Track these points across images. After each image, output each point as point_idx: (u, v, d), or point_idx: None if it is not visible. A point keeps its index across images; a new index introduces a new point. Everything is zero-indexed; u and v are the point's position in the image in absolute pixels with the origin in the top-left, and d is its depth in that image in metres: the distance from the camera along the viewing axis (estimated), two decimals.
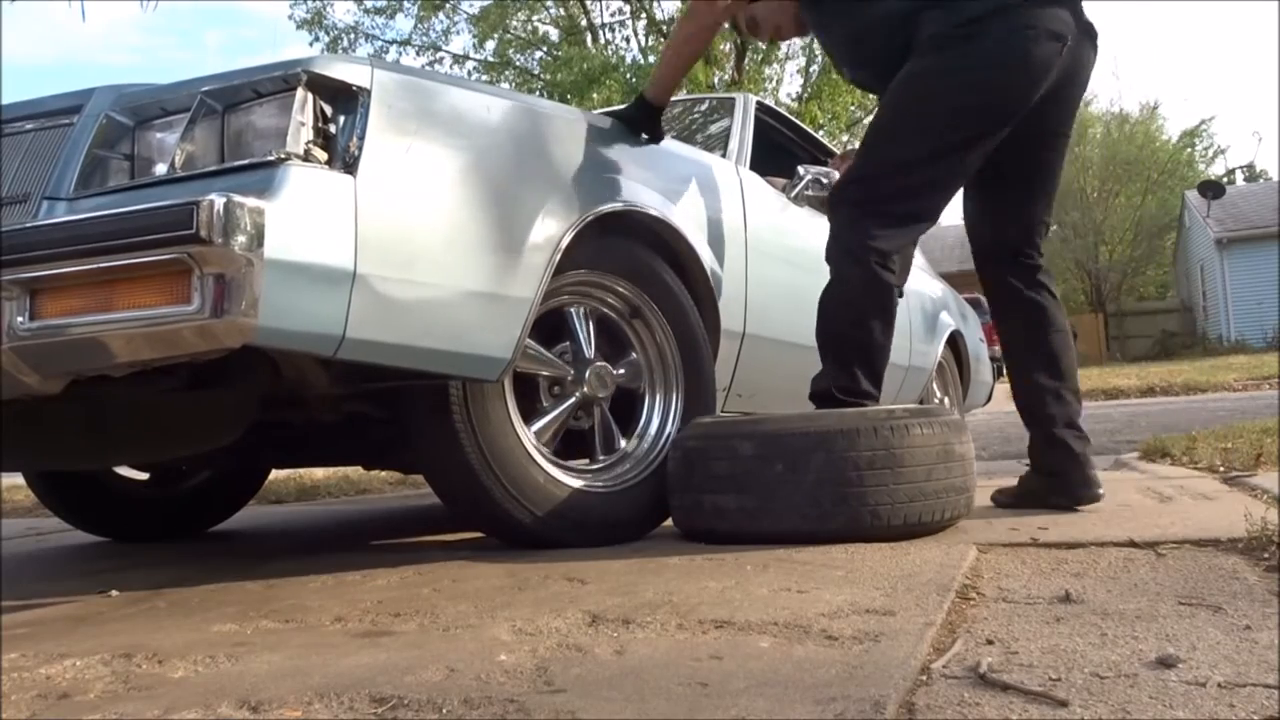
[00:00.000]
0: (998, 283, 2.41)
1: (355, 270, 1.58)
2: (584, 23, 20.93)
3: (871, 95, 2.71)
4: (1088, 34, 2.19)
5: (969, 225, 2.47)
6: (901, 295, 2.27)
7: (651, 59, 19.18)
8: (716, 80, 16.63)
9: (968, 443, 2.10)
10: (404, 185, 1.69)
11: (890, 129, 2.20)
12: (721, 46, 18.17)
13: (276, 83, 1.63)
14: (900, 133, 2.18)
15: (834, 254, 2.23)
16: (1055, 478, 2.30)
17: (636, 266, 2.24)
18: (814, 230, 3.17)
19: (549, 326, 2.14)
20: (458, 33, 26.28)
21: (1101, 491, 2.28)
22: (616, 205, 2.12)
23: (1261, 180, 29.94)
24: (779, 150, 3.56)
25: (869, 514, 1.91)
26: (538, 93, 18.66)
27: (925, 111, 2.14)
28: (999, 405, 9.14)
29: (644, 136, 2.37)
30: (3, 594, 1.95)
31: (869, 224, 2.16)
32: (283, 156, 1.55)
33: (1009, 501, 2.40)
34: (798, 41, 15.37)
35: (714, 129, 3.24)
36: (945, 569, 1.62)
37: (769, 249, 2.75)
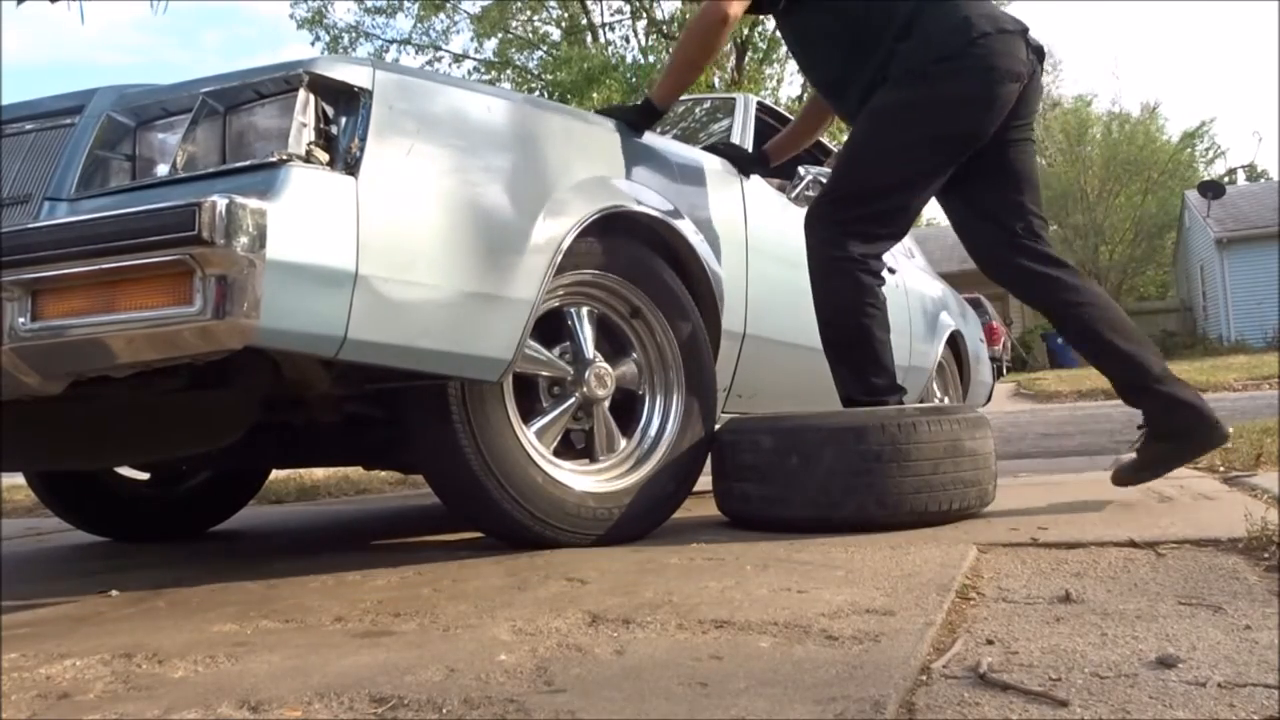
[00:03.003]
0: (1022, 277, 2.38)
1: (357, 271, 1.58)
2: (584, 22, 20.93)
3: None
4: (1038, 55, 2.36)
5: (967, 239, 2.47)
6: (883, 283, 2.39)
7: (652, 59, 19.17)
8: (716, 80, 16.62)
9: (981, 439, 2.21)
10: (405, 186, 1.69)
11: (865, 154, 2.36)
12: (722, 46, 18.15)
13: (278, 83, 1.64)
14: (877, 158, 2.33)
15: (818, 271, 2.37)
16: (1183, 435, 2.27)
17: (637, 267, 2.24)
18: None
19: (549, 327, 2.14)
20: (458, 32, 26.32)
21: (1230, 429, 2.29)
22: (617, 206, 2.12)
23: (1262, 180, 29.91)
24: None
25: (875, 503, 2.05)
26: (538, 92, 18.66)
27: (900, 140, 2.30)
28: (998, 405, 9.16)
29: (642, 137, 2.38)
30: (3, 594, 1.95)
31: (847, 240, 2.32)
32: (284, 157, 1.55)
33: (1133, 475, 2.37)
34: None
35: (714, 129, 3.24)
36: (945, 569, 1.62)
37: (769, 249, 2.75)
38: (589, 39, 20.57)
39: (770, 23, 17.92)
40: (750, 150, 2.94)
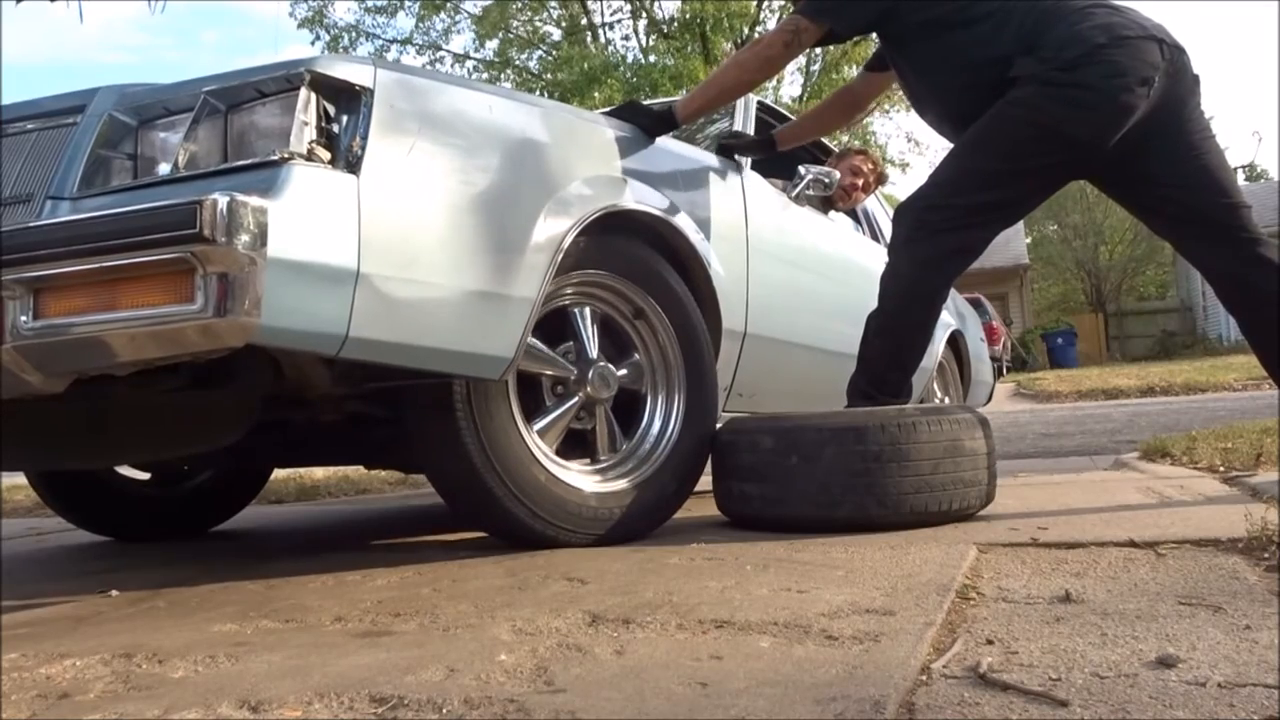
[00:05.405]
0: (1230, 275, 2.32)
1: (358, 269, 1.58)
2: (584, 22, 20.93)
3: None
4: (1177, 50, 2.28)
5: (1193, 257, 2.40)
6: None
7: (652, 58, 19.16)
8: None
9: (981, 439, 2.21)
10: (406, 184, 1.69)
11: (976, 144, 2.31)
12: (723, 46, 18.14)
13: (279, 82, 1.64)
14: (987, 147, 2.30)
15: (892, 252, 2.36)
16: None
17: (639, 267, 2.24)
18: (815, 230, 3.18)
19: (553, 327, 2.14)
20: (459, 32, 26.28)
21: None
22: (618, 205, 2.12)
23: (1262, 180, 29.88)
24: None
25: (875, 503, 2.06)
26: (538, 92, 18.65)
27: (1013, 135, 2.26)
28: (998, 405, 9.16)
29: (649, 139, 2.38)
30: (3, 594, 1.95)
31: (931, 231, 2.29)
32: (286, 156, 1.55)
33: None
34: None
35: (714, 129, 3.24)
36: (945, 569, 1.62)
37: (770, 249, 2.75)
38: (589, 39, 20.57)
39: (772, 25, 17.89)
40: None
